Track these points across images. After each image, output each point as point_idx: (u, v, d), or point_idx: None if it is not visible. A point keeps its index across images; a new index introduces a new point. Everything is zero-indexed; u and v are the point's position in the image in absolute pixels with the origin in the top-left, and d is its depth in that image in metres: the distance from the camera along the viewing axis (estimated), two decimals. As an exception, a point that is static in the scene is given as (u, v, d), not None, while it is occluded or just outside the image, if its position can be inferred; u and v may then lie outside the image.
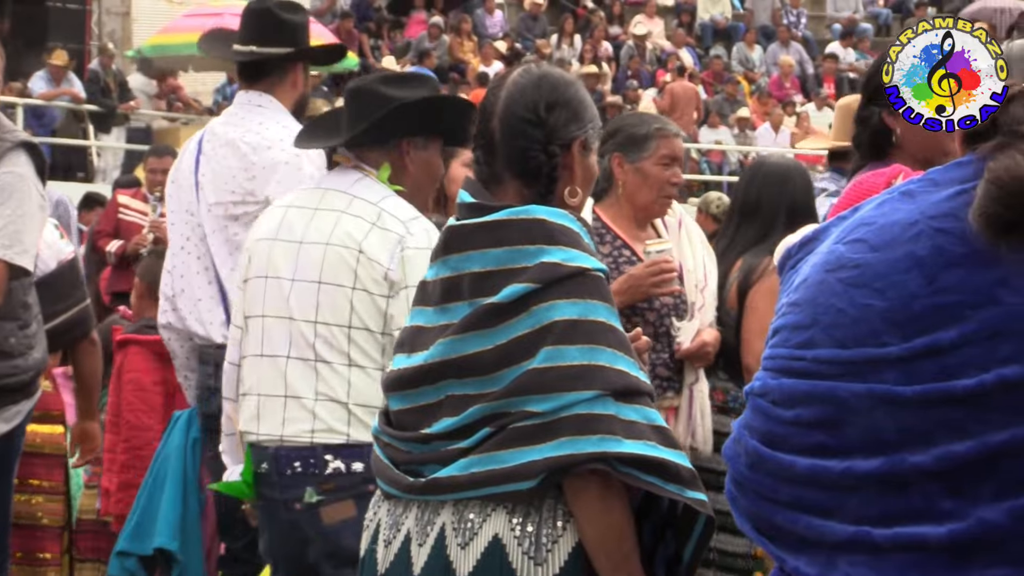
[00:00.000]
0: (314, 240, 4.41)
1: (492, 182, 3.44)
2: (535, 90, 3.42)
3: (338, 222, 4.40)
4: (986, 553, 2.65)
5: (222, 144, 5.48)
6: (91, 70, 22.35)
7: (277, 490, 4.40)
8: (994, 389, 2.66)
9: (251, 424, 4.47)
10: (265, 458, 4.42)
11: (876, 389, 2.74)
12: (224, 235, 5.40)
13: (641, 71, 26.28)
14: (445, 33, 25.68)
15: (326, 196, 4.50)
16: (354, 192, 4.47)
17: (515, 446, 3.21)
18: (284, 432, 4.37)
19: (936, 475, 2.68)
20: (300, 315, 4.38)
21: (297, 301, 4.39)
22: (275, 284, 4.45)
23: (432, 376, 3.35)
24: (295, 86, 5.61)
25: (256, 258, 4.53)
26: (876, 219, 2.89)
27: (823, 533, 2.78)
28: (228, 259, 5.37)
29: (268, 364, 4.43)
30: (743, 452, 2.92)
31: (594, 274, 3.29)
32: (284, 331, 4.40)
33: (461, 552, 3.27)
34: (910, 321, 2.75)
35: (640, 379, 3.28)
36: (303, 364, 4.36)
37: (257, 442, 4.44)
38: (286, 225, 4.50)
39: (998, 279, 2.70)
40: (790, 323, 2.92)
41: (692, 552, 3.39)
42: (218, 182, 5.43)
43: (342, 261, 4.33)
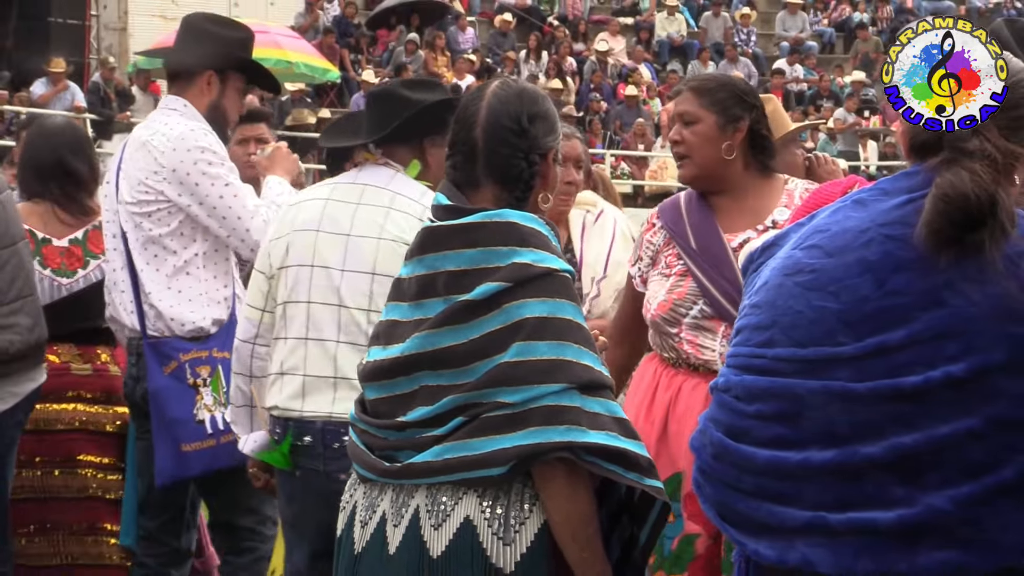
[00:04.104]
0: (364, 233, 4.44)
1: (468, 186, 3.42)
2: (518, 102, 3.42)
3: (388, 217, 4.43)
4: (933, 536, 2.67)
5: (136, 146, 5.46)
6: (92, 81, 22.39)
7: (321, 462, 4.44)
8: (940, 385, 2.68)
9: (294, 402, 4.48)
10: (310, 432, 4.45)
11: (831, 385, 2.76)
12: (138, 232, 5.37)
13: (603, 85, 26.36)
14: (420, 48, 25.73)
15: (366, 192, 4.52)
16: (394, 188, 4.50)
17: (486, 435, 3.21)
18: (333, 409, 4.40)
19: (886, 465, 2.70)
20: (352, 303, 4.41)
21: (349, 290, 4.42)
22: (323, 273, 4.46)
23: (407, 367, 3.34)
24: (203, 92, 5.52)
25: (298, 247, 4.54)
26: (830, 226, 2.89)
27: (782, 519, 2.78)
28: (143, 254, 5.36)
29: (315, 347, 4.45)
30: (708, 443, 2.93)
31: (562, 274, 3.30)
32: (333, 317, 4.43)
33: (434, 533, 3.26)
34: (862, 322, 2.76)
35: (603, 374, 3.28)
36: (354, 349, 4.38)
37: (301, 417, 4.46)
38: (328, 217, 4.51)
39: (944, 283, 2.71)
40: (751, 324, 2.92)
41: (648, 535, 3.39)
42: (131, 181, 5.39)
43: (394, 254, 4.30)
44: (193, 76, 5.53)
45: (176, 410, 5.17)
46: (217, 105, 5.54)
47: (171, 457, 5.23)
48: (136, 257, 5.36)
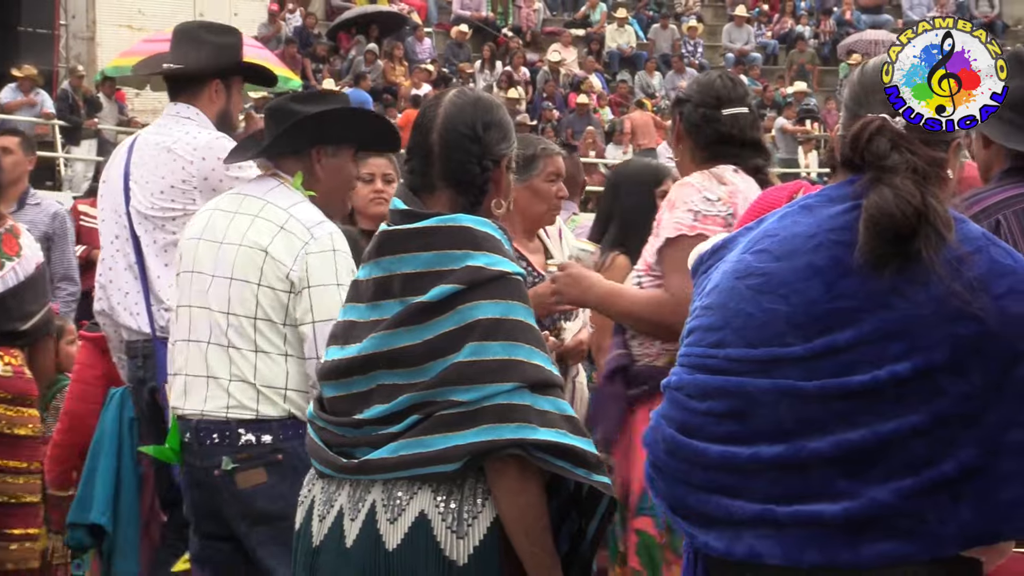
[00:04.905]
0: (231, 241, 4.52)
1: (424, 190, 3.43)
2: (473, 110, 3.44)
3: (251, 225, 4.51)
4: (876, 528, 2.68)
5: (153, 151, 5.45)
6: (61, 89, 22.32)
7: (198, 458, 4.53)
8: (885, 384, 2.69)
9: (179, 400, 4.60)
10: (188, 430, 4.54)
11: (781, 384, 2.77)
12: (154, 236, 5.40)
13: (555, 94, 26.39)
14: (379, 58, 25.72)
15: (244, 201, 4.60)
16: (268, 198, 4.57)
17: (441, 432, 3.22)
18: (205, 408, 4.50)
19: (832, 460, 2.71)
20: (216, 306, 4.50)
21: (215, 294, 4.51)
22: (199, 278, 4.56)
23: (364, 367, 3.34)
24: (212, 100, 5.56)
25: (185, 255, 4.65)
26: (779, 231, 2.89)
27: (732, 512, 2.79)
28: (159, 258, 5.39)
29: (194, 348, 4.55)
30: (661, 439, 2.93)
31: (514, 277, 3.32)
32: (205, 320, 4.52)
33: (390, 526, 3.26)
34: (811, 324, 2.77)
35: (553, 373, 3.30)
36: (219, 349, 4.48)
37: (183, 415, 4.57)
38: (210, 226, 4.60)
39: (890, 286, 2.72)
40: (703, 325, 2.93)
41: (595, 529, 3.41)
42: (151, 188, 5.40)
43: (250, 260, 4.45)
44: (201, 84, 5.54)
45: None
46: (226, 111, 5.60)
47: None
48: (152, 260, 5.38)
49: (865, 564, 2.68)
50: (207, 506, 4.55)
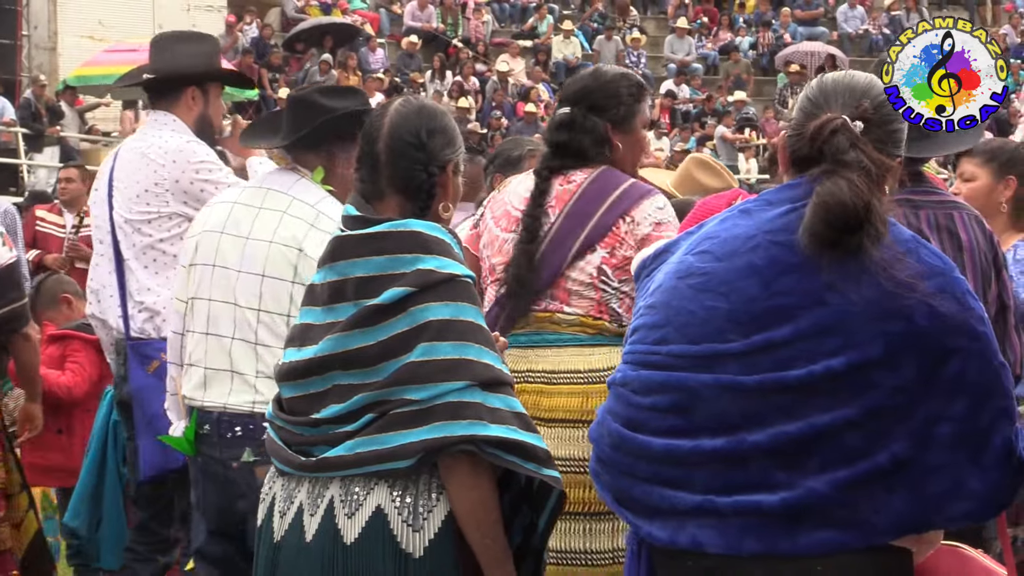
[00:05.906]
0: (259, 237, 4.44)
1: (374, 197, 3.42)
2: (417, 118, 3.43)
3: (281, 222, 4.43)
4: (813, 518, 2.70)
5: (131, 156, 5.48)
6: (24, 97, 22.21)
7: (217, 450, 4.45)
8: (820, 378, 2.72)
9: (197, 392, 4.51)
10: (208, 421, 4.47)
11: (721, 379, 2.78)
12: (133, 239, 5.40)
13: (504, 103, 26.40)
14: (334, 68, 25.65)
15: (268, 196, 4.53)
16: (293, 193, 4.49)
17: (395, 429, 3.21)
18: (228, 401, 4.43)
19: (771, 452, 2.73)
20: (245, 302, 4.42)
21: (243, 290, 4.43)
22: (223, 272, 4.48)
23: (321, 368, 3.33)
24: (189, 107, 5.58)
25: (202, 247, 4.56)
26: (719, 233, 2.91)
27: (674, 502, 2.80)
28: (138, 261, 5.40)
29: (213, 341, 4.47)
30: (606, 434, 2.94)
31: (464, 280, 3.31)
32: (229, 315, 4.45)
33: (348, 521, 3.26)
34: (750, 320, 2.78)
35: (503, 371, 3.30)
36: (246, 345, 4.41)
37: (202, 407, 4.49)
38: (233, 220, 4.52)
39: (826, 284, 2.74)
40: (647, 323, 2.94)
41: (546, 521, 3.41)
42: (129, 192, 5.42)
43: (284, 258, 4.38)
44: (178, 92, 5.57)
45: (159, 406, 5.10)
46: (204, 116, 5.60)
47: (155, 451, 5.22)
48: (132, 262, 5.40)
49: (803, 552, 2.71)
50: (220, 500, 4.49)
